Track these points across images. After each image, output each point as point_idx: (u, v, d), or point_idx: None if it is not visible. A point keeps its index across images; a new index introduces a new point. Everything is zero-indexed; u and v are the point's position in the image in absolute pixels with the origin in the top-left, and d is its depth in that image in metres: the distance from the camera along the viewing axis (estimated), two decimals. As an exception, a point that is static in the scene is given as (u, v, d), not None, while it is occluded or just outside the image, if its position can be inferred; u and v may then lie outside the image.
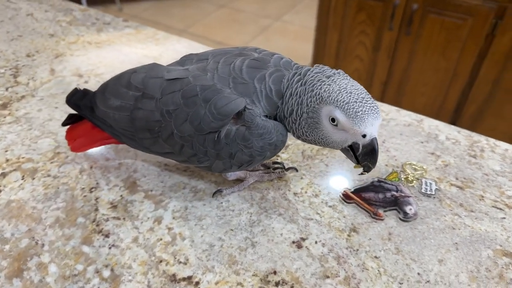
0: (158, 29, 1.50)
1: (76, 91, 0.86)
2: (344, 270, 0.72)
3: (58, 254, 0.75)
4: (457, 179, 0.90)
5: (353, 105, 0.63)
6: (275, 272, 0.72)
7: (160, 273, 0.72)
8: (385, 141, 1.00)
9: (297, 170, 0.92)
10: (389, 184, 0.87)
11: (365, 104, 0.64)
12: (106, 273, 0.72)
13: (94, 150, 0.97)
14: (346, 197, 0.85)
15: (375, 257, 0.75)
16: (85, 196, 0.86)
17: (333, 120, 0.66)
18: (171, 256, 0.75)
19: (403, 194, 0.84)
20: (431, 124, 1.06)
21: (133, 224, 0.81)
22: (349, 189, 0.86)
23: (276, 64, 0.74)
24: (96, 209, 0.84)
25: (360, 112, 0.63)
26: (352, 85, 0.66)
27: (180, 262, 0.74)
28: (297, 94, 0.69)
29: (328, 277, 0.71)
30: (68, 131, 0.91)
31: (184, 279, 0.71)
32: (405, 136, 1.02)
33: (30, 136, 1.01)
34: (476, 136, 1.01)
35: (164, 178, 0.90)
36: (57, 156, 0.96)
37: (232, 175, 0.87)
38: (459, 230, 0.79)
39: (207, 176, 0.91)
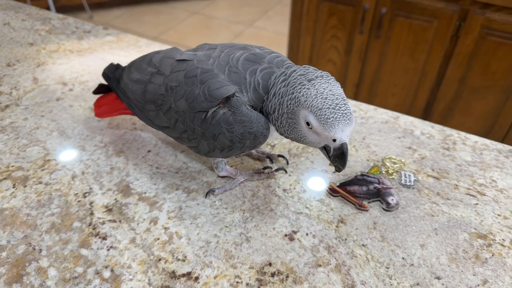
0: (139, 37, 1.52)
1: (111, 65, 0.96)
2: (335, 258, 0.77)
3: (56, 258, 0.77)
4: (433, 170, 0.97)
5: (325, 111, 0.66)
6: (270, 264, 0.76)
7: (159, 270, 0.75)
8: (365, 138, 1.06)
9: (286, 171, 0.96)
10: (371, 177, 0.92)
11: (338, 111, 0.66)
12: (107, 273, 0.74)
13: (85, 155, 0.98)
14: (332, 191, 0.90)
15: (363, 245, 0.80)
16: (79, 201, 0.88)
17: (307, 123, 0.69)
18: (169, 254, 0.78)
19: (384, 186, 0.90)
20: (406, 120, 1.13)
21: (130, 226, 0.83)
22: (335, 184, 0.91)
23: (270, 61, 0.79)
24: (92, 213, 0.85)
25: (331, 119, 0.66)
26: (330, 90, 0.68)
27: (179, 260, 0.77)
28: (279, 94, 0.73)
29: (320, 265, 0.76)
30: (97, 100, 1.01)
31: (183, 275, 0.74)
32: (383, 132, 1.08)
33: (18, 145, 1.01)
34: (448, 130, 1.09)
35: (156, 181, 0.93)
36: (47, 163, 0.97)
37: (222, 171, 0.92)
38: (438, 217, 0.86)
39: (199, 177, 0.94)
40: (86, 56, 1.37)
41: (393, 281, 0.74)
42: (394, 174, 0.94)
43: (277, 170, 0.96)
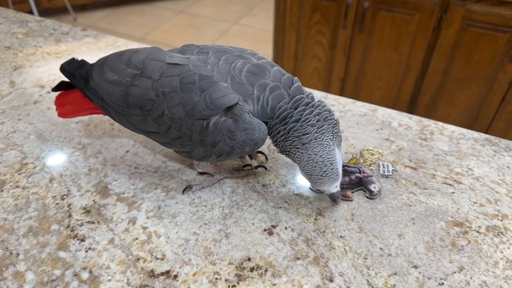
0: (117, 37, 1.51)
1: (73, 61, 0.88)
2: (313, 251, 0.78)
3: (34, 261, 0.76)
4: (410, 161, 0.97)
5: (314, 177, 0.77)
6: (249, 259, 0.76)
7: (138, 270, 0.75)
8: (344, 131, 1.07)
9: (266, 168, 0.96)
10: (352, 167, 0.93)
11: (324, 176, 0.77)
12: (85, 275, 0.74)
13: (62, 157, 0.98)
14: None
15: (341, 236, 0.80)
16: (57, 203, 0.87)
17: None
18: (148, 253, 0.78)
19: (365, 175, 0.90)
20: (384, 112, 1.13)
21: (108, 226, 0.83)
22: None
23: (276, 78, 0.79)
24: (70, 215, 0.85)
25: (319, 182, 0.77)
26: (321, 155, 0.76)
27: (158, 258, 0.77)
28: (298, 150, 0.78)
29: (298, 258, 0.76)
30: (57, 97, 0.93)
31: (162, 273, 0.74)
32: (362, 125, 1.09)
33: (-6, 149, 1.00)
34: (426, 121, 1.10)
35: (135, 181, 0.93)
36: (24, 167, 0.96)
37: (202, 168, 0.91)
38: (415, 207, 0.86)
39: (178, 175, 0.94)
40: (64, 58, 1.36)
41: (371, 272, 0.74)
42: (372, 165, 0.95)
43: (256, 167, 0.96)
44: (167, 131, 0.79)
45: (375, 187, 0.88)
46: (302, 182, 0.92)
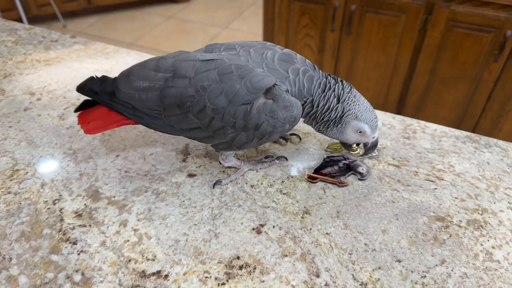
0: (106, 44, 1.53)
1: (91, 79, 0.89)
2: (300, 248, 0.80)
3: (27, 265, 0.78)
4: (394, 159, 1.00)
5: (373, 121, 0.88)
6: (238, 258, 0.78)
7: (130, 271, 0.76)
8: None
9: (286, 159, 1.01)
10: (336, 156, 0.99)
11: (376, 119, 0.89)
12: (77, 277, 0.76)
13: (54, 163, 0.99)
14: (311, 179, 0.95)
15: (327, 233, 0.83)
16: (48, 208, 0.89)
17: (359, 131, 0.89)
18: (139, 254, 0.79)
19: (351, 160, 0.97)
20: (370, 113, 1.16)
21: (99, 229, 0.84)
22: (310, 172, 0.96)
23: (303, 63, 0.88)
24: (62, 219, 0.86)
25: (375, 126, 0.89)
26: (368, 105, 0.90)
27: (148, 259, 0.79)
28: (336, 109, 0.88)
29: (286, 255, 0.79)
30: (80, 116, 0.93)
31: (153, 274, 0.76)
32: (347, 125, 1.12)
33: (-14, 157, 1.01)
34: (408, 120, 1.13)
35: (125, 184, 0.94)
36: (16, 173, 0.97)
37: (229, 162, 0.96)
38: (398, 203, 0.89)
39: (168, 178, 0.96)
40: (54, 66, 1.37)
41: (356, 266, 0.77)
42: (358, 149, 1.00)
43: (278, 158, 1.01)
44: (209, 124, 0.83)
45: (363, 168, 0.95)
46: (288, 184, 0.94)
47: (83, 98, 0.91)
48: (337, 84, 0.89)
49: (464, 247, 0.80)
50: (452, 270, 0.76)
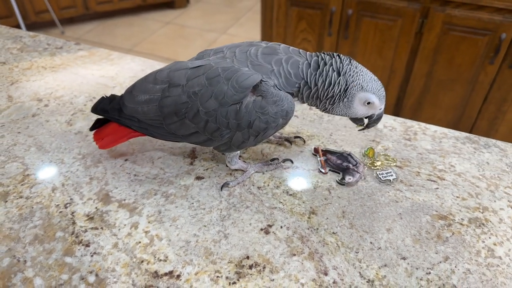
0: (111, 50, 1.55)
1: (102, 99, 0.96)
2: (308, 247, 0.82)
3: (41, 268, 0.79)
4: (396, 160, 1.03)
5: (380, 91, 0.87)
6: (248, 257, 0.81)
7: (142, 272, 0.79)
8: (332, 134, 1.12)
9: (292, 162, 1.03)
10: (354, 159, 1.02)
11: (382, 89, 0.87)
12: (92, 278, 0.78)
13: (64, 168, 1.01)
14: (315, 151, 1.05)
15: (333, 233, 0.85)
16: (60, 212, 0.91)
17: (367, 102, 0.87)
18: (151, 255, 0.81)
19: (355, 169, 0.99)
20: (371, 115, 1.19)
21: (111, 231, 0.86)
22: (322, 147, 1.06)
23: (286, 51, 0.89)
24: (74, 223, 0.88)
25: (382, 96, 0.87)
26: (371, 75, 0.87)
27: (160, 260, 0.81)
28: (338, 83, 0.86)
29: (294, 255, 0.81)
30: (95, 134, 1.01)
31: (166, 274, 0.78)
32: (349, 127, 1.14)
33: (-4, 162, 1.03)
34: (409, 122, 1.16)
35: (135, 188, 0.96)
36: (27, 178, 0.99)
37: (235, 165, 0.99)
38: (402, 203, 0.92)
39: (176, 181, 0.98)
40: (60, 72, 1.40)
41: (362, 264, 0.79)
42: (378, 167, 1.00)
43: (284, 161, 1.03)
44: (205, 127, 0.87)
45: (350, 179, 0.97)
46: (294, 185, 0.97)
47: (89, 104, 0.95)
48: (333, 59, 0.86)
49: (467, 244, 0.83)
50: (455, 267, 0.79)
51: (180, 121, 0.88)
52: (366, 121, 0.94)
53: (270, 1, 2.57)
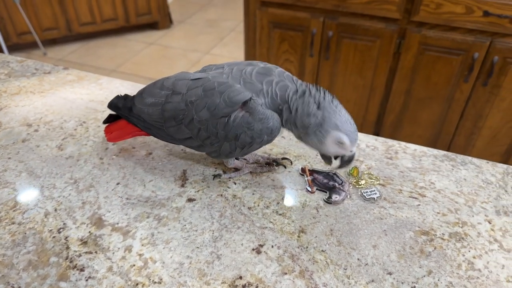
0: (87, 71, 1.58)
1: (117, 97, 1.08)
2: (298, 265, 0.85)
3: (36, 293, 0.80)
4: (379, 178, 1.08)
5: (353, 134, 0.90)
6: (240, 277, 0.83)
7: (138, 294, 0.80)
8: (318, 154, 1.16)
9: (285, 167, 1.10)
10: (339, 178, 1.06)
11: (356, 132, 0.91)
12: (87, 302, 0.79)
13: (56, 192, 1.02)
14: (302, 171, 1.10)
15: (322, 250, 0.89)
16: (54, 237, 0.92)
17: (339, 142, 0.89)
18: (145, 278, 0.83)
19: (341, 187, 1.03)
20: (354, 135, 1.24)
21: (105, 255, 0.88)
22: (309, 167, 1.10)
23: (280, 75, 0.95)
24: (67, 247, 0.89)
25: (354, 139, 0.90)
26: (348, 117, 0.91)
27: (155, 282, 0.82)
28: (315, 115, 0.88)
29: (286, 273, 0.84)
30: (106, 127, 1.14)
31: (161, 296, 0.80)
32: (335, 148, 1.19)
33: (-13, 189, 1.04)
34: (390, 141, 1.21)
35: (127, 211, 0.98)
36: (18, 204, 1.00)
37: (231, 164, 1.06)
38: (386, 219, 0.96)
39: (168, 203, 1.00)
40: (49, 97, 1.41)
41: (351, 281, 0.82)
42: (362, 185, 1.04)
43: (277, 165, 1.10)
44: (197, 134, 0.95)
45: (336, 197, 1.01)
46: (283, 205, 1.00)
47: (79, 128, 1.01)
48: (318, 92, 0.90)
49: (448, 258, 0.87)
50: (438, 280, 0.83)
51: (178, 126, 0.96)
52: (335, 161, 0.97)
53: (253, 23, 2.64)
